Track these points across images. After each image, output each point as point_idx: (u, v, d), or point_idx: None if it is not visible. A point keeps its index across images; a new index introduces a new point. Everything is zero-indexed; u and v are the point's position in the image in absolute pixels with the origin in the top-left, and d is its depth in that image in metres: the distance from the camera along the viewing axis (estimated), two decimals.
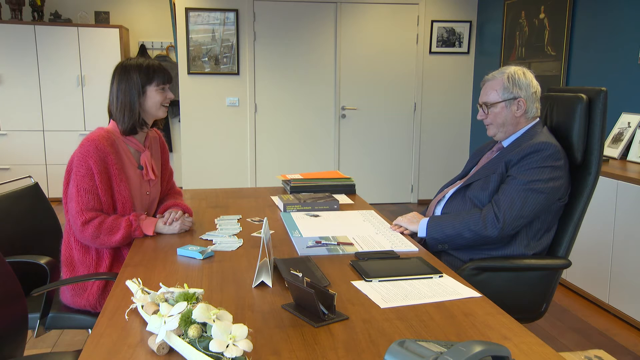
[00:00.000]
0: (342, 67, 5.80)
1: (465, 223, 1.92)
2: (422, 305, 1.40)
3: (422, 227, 2.01)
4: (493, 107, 2.05)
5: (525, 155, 1.93)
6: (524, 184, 1.90)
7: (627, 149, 3.59)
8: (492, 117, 2.06)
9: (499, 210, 1.88)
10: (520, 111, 2.03)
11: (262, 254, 1.52)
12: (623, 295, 3.12)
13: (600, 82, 3.95)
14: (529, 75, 2.05)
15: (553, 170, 1.91)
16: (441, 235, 1.97)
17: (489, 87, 2.07)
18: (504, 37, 5.31)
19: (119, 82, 2.03)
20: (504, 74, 2.04)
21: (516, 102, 2.02)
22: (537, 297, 2.08)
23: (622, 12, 3.81)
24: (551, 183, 1.91)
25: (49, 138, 5.99)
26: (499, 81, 2.04)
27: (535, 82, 2.06)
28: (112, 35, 5.93)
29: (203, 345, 1.06)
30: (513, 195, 1.89)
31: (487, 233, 1.88)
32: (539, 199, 1.90)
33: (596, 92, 2.04)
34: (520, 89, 2.02)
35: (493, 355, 0.91)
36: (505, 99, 2.02)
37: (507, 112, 2.03)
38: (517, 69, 2.05)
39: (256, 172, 5.88)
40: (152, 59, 2.12)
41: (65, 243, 2.05)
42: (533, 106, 2.04)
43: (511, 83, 2.01)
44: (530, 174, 1.91)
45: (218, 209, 2.42)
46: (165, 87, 2.06)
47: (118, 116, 2.04)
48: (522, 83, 2.02)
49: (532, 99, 2.03)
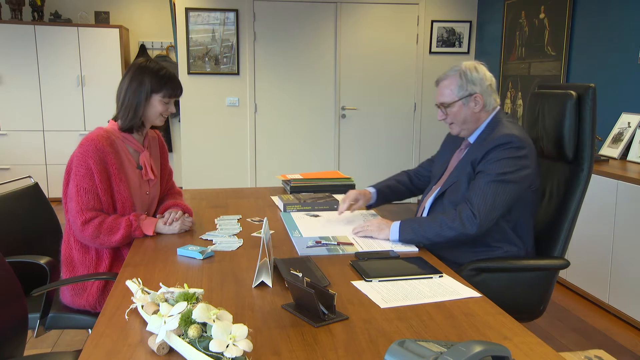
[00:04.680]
0: (342, 67, 5.80)
1: (441, 222, 1.87)
2: (422, 305, 1.40)
3: (394, 231, 1.93)
4: (451, 106, 2.01)
5: (490, 150, 1.91)
6: (493, 177, 1.87)
7: (627, 149, 3.59)
8: (452, 116, 2.03)
9: (473, 206, 1.85)
10: (479, 106, 2.00)
11: (262, 254, 1.52)
12: (623, 295, 3.12)
13: (600, 82, 3.95)
14: (481, 68, 2.01)
15: (519, 160, 1.89)
16: (416, 237, 1.90)
17: (443, 87, 2.03)
18: (504, 37, 5.31)
19: (131, 81, 2.02)
20: (456, 72, 2.00)
21: (473, 99, 1.99)
22: (536, 297, 2.08)
23: (622, 12, 3.81)
24: (519, 172, 1.89)
25: (49, 138, 5.99)
26: (452, 80, 2.00)
27: (489, 74, 2.02)
28: (112, 35, 5.93)
29: (203, 345, 1.06)
30: (484, 189, 1.87)
31: (466, 230, 1.85)
32: (510, 189, 1.88)
33: (585, 89, 2.04)
34: (475, 85, 1.98)
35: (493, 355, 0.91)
36: (461, 97, 1.99)
37: (465, 110, 2.00)
38: (469, 64, 2.01)
39: (256, 172, 5.88)
40: (170, 69, 2.11)
41: (65, 243, 2.05)
42: (490, 99, 2.01)
43: (464, 80, 1.98)
44: (497, 167, 1.88)
45: (218, 209, 2.42)
46: (170, 100, 2.07)
47: (122, 112, 2.04)
48: (476, 78, 1.98)
49: (487, 92, 2.00)
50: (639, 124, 3.55)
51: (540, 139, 2.21)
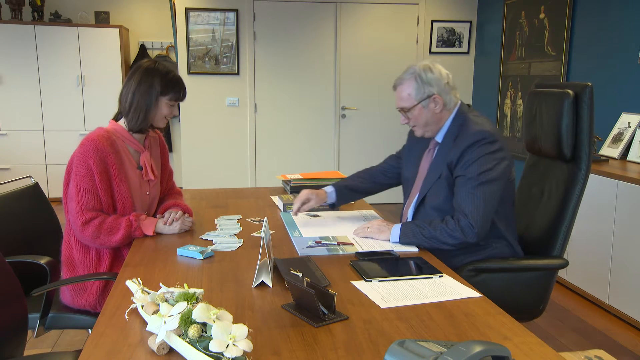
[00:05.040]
0: (342, 67, 5.80)
1: (442, 230, 1.85)
2: (422, 305, 1.40)
3: (395, 233, 1.93)
4: (411, 111, 1.98)
5: (464, 151, 1.89)
6: (477, 181, 1.85)
7: (627, 149, 3.59)
8: (414, 120, 2.00)
9: (468, 216, 1.83)
10: (439, 107, 1.97)
11: (262, 254, 1.52)
12: (623, 295, 3.12)
13: (600, 82, 3.95)
14: (437, 67, 1.97)
15: (495, 154, 1.88)
16: (417, 240, 1.89)
17: (400, 92, 2.00)
18: (504, 37, 5.31)
19: (140, 82, 2.01)
20: (412, 75, 1.97)
21: (432, 100, 1.96)
22: (536, 297, 2.08)
23: (622, 12, 3.81)
24: (498, 167, 1.88)
25: (49, 138, 5.99)
26: (408, 84, 1.96)
27: (445, 72, 1.98)
28: (112, 36, 5.93)
29: (203, 345, 1.06)
30: (472, 196, 1.85)
31: (467, 239, 1.85)
32: (496, 187, 1.87)
33: (582, 88, 2.04)
34: (432, 86, 1.95)
35: (493, 355, 0.91)
36: (420, 100, 1.96)
37: (426, 112, 1.97)
38: (423, 65, 1.97)
39: (256, 172, 5.88)
40: (176, 72, 2.12)
41: (66, 243, 2.05)
42: (449, 96, 1.98)
43: (420, 83, 1.95)
44: (477, 167, 1.86)
45: (218, 209, 2.42)
46: (175, 103, 2.07)
47: (131, 115, 2.03)
48: (432, 79, 1.95)
49: (446, 90, 1.97)
50: (639, 124, 3.55)
51: (538, 138, 2.21)
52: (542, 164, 2.25)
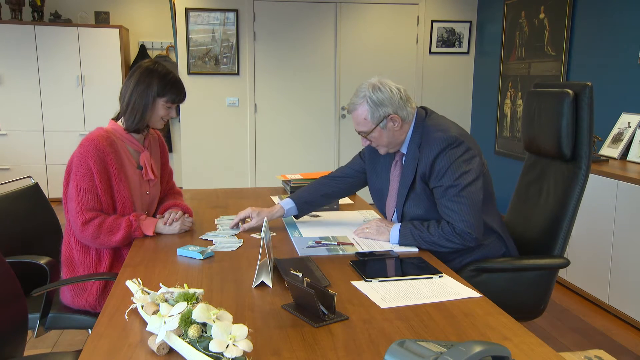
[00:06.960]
0: (342, 67, 5.80)
1: (440, 235, 1.85)
2: (422, 305, 1.40)
3: (394, 235, 1.92)
4: (371, 134, 1.95)
5: (433, 162, 1.87)
6: (456, 187, 1.84)
7: (627, 149, 3.59)
8: (376, 141, 1.97)
9: (461, 223, 1.83)
10: (398, 124, 1.92)
11: (262, 254, 1.52)
12: (623, 295, 3.12)
13: (600, 82, 3.95)
14: (385, 85, 1.92)
15: (464, 155, 1.86)
16: (416, 242, 1.89)
17: (356, 117, 1.94)
18: (504, 37, 5.31)
19: (139, 82, 2.01)
20: (363, 100, 1.92)
21: (389, 120, 1.91)
22: (536, 296, 2.08)
23: (622, 13, 3.81)
24: (471, 165, 1.87)
25: (49, 138, 5.99)
26: (362, 109, 1.92)
27: (395, 88, 1.92)
28: (112, 36, 5.93)
29: (203, 345, 1.06)
30: (457, 203, 1.83)
31: (467, 243, 1.85)
32: (476, 187, 1.86)
33: (582, 87, 2.04)
34: (386, 106, 1.89)
35: (493, 355, 0.91)
36: (377, 123, 1.91)
37: (386, 132, 1.93)
38: (372, 86, 1.91)
39: (256, 172, 5.88)
40: (175, 74, 2.11)
41: (66, 243, 2.05)
42: (406, 111, 1.94)
43: (373, 105, 1.89)
44: (452, 174, 1.84)
45: (218, 209, 2.42)
46: (172, 105, 2.07)
47: (128, 115, 2.03)
48: (383, 99, 1.89)
49: (400, 106, 1.92)
50: (639, 124, 3.55)
51: (538, 138, 2.21)
52: (540, 163, 2.25)
